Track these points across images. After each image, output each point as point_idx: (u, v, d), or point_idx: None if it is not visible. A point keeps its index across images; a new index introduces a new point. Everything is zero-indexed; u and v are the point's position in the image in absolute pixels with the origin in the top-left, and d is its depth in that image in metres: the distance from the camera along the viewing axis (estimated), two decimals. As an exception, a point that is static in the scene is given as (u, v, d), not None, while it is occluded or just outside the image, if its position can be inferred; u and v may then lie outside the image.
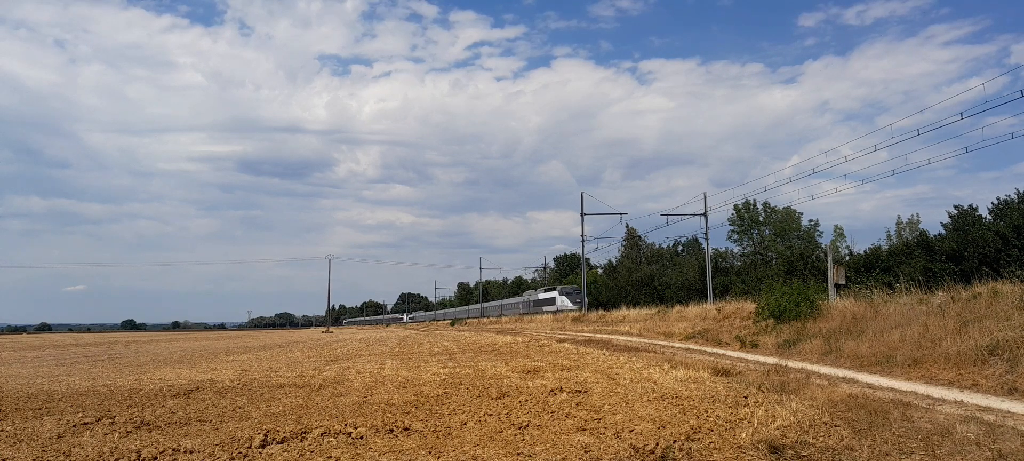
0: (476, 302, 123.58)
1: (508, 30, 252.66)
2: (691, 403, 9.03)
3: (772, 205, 64.76)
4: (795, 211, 63.98)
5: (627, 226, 75.58)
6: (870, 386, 11.42)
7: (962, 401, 9.60)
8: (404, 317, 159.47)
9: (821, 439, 6.88)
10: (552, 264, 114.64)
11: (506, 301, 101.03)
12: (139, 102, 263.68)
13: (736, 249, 65.96)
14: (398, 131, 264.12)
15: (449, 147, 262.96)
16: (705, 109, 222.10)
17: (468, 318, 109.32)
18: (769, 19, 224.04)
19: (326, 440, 7.55)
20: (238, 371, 16.70)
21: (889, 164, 77.49)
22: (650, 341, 26.86)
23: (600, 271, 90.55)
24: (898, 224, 64.61)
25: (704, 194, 48.39)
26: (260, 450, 7.09)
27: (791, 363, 15.32)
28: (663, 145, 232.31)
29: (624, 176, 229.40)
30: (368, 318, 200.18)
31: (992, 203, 45.13)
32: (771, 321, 22.93)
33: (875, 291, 21.07)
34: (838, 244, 58.68)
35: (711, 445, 6.77)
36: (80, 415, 9.42)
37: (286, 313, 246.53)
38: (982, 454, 6.27)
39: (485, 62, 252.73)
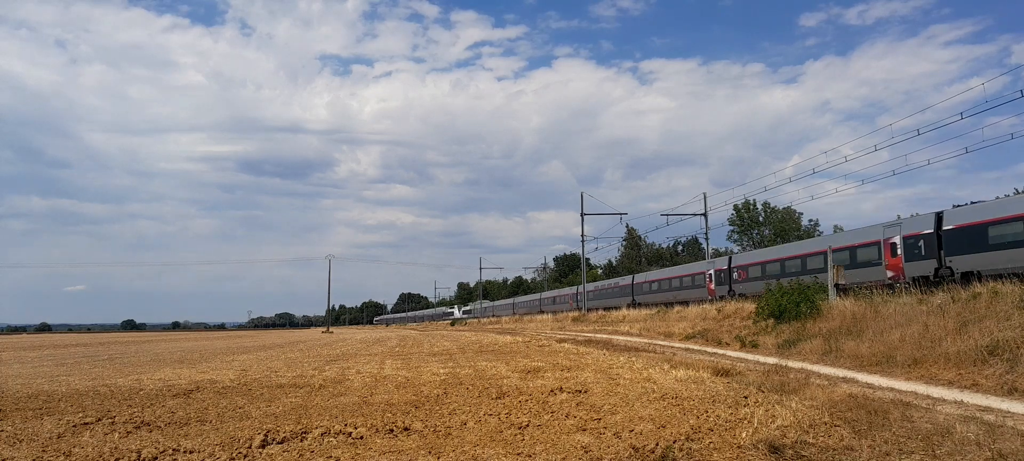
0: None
1: (509, 30, 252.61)
2: (691, 403, 9.03)
3: (772, 205, 64.96)
4: (795, 211, 64.22)
5: (627, 226, 75.51)
6: (870, 386, 11.42)
7: (962, 401, 9.60)
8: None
9: (821, 439, 6.88)
10: (552, 264, 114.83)
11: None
12: (140, 102, 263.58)
13: (736, 249, 66.03)
14: (399, 131, 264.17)
15: (450, 147, 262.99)
16: (706, 109, 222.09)
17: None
18: (770, 19, 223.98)
19: (326, 440, 7.55)
20: (238, 371, 16.70)
21: (889, 164, 77.36)
22: (650, 341, 26.87)
23: (600, 271, 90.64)
24: (898, 224, 64.53)
25: (704, 194, 47.94)
26: (260, 450, 7.10)
27: (791, 363, 15.32)
28: (664, 145, 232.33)
29: (625, 176, 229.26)
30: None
31: (993, 203, 44.95)
32: (771, 321, 22.93)
33: (875, 291, 21.08)
34: (838, 244, 58.60)
35: (711, 445, 6.77)
36: (80, 415, 9.42)
37: (286, 313, 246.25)
38: (982, 454, 6.27)
39: (486, 62, 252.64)
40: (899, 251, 25.74)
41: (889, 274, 25.77)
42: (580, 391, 10.72)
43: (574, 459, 6.53)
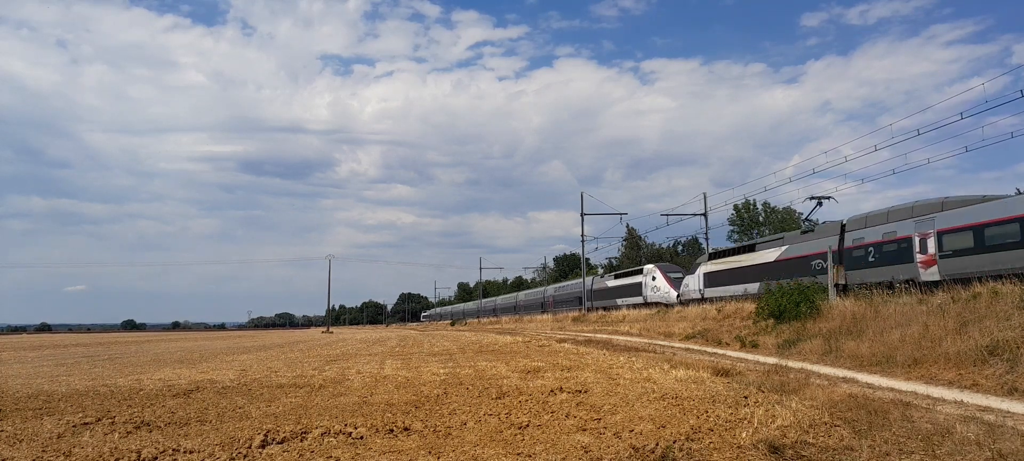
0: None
1: (510, 30, 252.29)
2: (691, 403, 9.03)
3: (772, 205, 64.96)
4: (795, 211, 64.16)
5: (627, 226, 75.51)
6: (870, 386, 11.42)
7: (962, 401, 9.60)
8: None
9: (821, 439, 6.88)
10: (552, 264, 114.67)
11: None
12: (141, 102, 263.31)
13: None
14: (400, 131, 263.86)
15: (450, 147, 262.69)
16: (707, 109, 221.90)
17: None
18: (771, 19, 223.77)
19: (326, 440, 7.55)
20: (238, 371, 16.70)
21: (889, 164, 77.07)
22: (650, 341, 26.87)
23: (600, 271, 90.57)
24: (898, 224, 64.35)
25: (704, 194, 47.79)
26: (260, 450, 7.09)
27: (791, 363, 15.32)
28: (664, 145, 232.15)
29: (625, 176, 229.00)
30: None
31: (992, 203, 44.86)
32: (771, 321, 22.94)
33: (875, 291, 21.08)
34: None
35: (711, 445, 6.77)
36: (80, 415, 9.42)
37: (286, 313, 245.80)
38: (982, 454, 6.27)
39: (487, 62, 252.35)
40: None
41: None
42: (580, 391, 10.72)
43: (574, 459, 6.53)
